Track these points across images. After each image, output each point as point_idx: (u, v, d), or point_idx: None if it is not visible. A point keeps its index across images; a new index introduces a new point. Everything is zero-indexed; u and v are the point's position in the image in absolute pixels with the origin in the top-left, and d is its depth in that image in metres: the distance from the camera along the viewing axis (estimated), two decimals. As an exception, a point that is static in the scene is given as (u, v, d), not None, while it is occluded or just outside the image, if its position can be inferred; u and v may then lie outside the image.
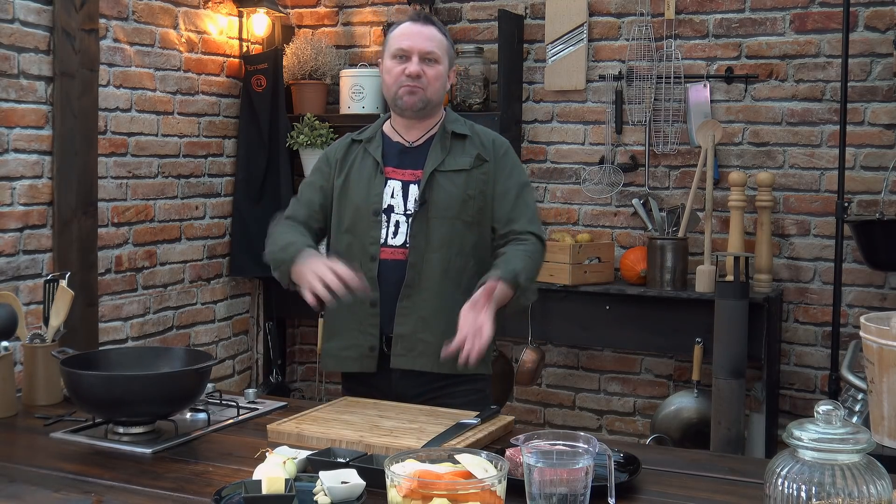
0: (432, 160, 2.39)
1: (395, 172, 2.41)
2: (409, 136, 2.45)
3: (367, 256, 2.37)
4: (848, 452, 1.33)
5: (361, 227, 2.38)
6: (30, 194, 3.31)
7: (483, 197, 2.40)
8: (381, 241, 2.37)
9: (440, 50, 2.40)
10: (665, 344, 3.81)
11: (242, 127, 4.28)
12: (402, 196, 2.39)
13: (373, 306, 2.36)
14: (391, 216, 2.38)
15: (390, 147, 2.46)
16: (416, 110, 2.39)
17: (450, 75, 2.47)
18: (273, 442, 1.97)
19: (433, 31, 2.41)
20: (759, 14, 3.83)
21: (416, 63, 2.36)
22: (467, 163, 2.40)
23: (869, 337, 2.25)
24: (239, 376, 4.40)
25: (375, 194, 2.39)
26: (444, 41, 2.42)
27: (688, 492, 1.74)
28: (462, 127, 2.46)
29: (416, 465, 1.47)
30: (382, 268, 2.37)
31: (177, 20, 3.95)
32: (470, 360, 2.10)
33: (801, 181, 3.82)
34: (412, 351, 2.35)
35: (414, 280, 2.35)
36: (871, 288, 3.73)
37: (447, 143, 2.42)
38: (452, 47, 2.48)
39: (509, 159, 2.47)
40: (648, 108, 3.97)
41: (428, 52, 2.37)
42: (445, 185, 2.38)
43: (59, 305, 2.35)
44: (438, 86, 2.40)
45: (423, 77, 2.37)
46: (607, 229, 4.12)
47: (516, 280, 2.26)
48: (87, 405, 1.99)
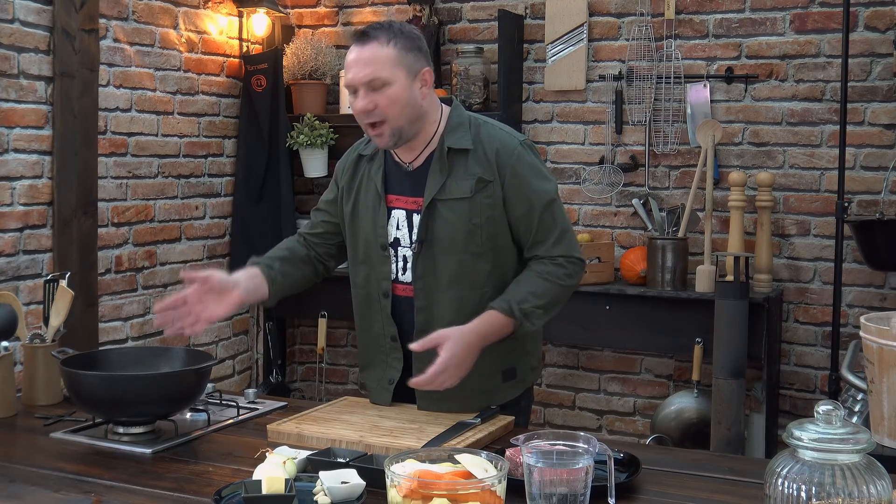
0: (430, 188, 2.13)
1: (399, 200, 2.19)
2: (406, 157, 2.19)
3: (381, 292, 2.21)
4: (848, 452, 1.33)
5: (374, 261, 2.21)
6: (30, 194, 3.31)
7: (493, 223, 2.14)
8: (392, 277, 2.20)
9: (387, 68, 2.05)
10: (665, 344, 3.81)
11: (242, 127, 4.28)
12: (408, 227, 2.18)
13: (394, 341, 2.21)
14: (398, 250, 2.19)
15: (392, 169, 2.22)
16: (392, 147, 2.14)
17: (423, 79, 2.11)
18: (273, 442, 1.97)
19: (373, 48, 2.06)
20: (759, 14, 3.83)
21: (362, 97, 2.07)
22: (468, 189, 2.11)
23: (869, 337, 2.25)
24: (239, 376, 4.40)
25: (381, 227, 2.19)
26: (392, 52, 2.06)
27: (688, 492, 1.74)
28: (462, 139, 2.14)
29: (416, 465, 1.47)
30: (396, 303, 2.20)
31: (177, 20, 3.95)
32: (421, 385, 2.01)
33: (801, 181, 3.82)
34: (434, 395, 2.12)
35: (425, 325, 2.15)
36: (871, 288, 3.73)
37: (446, 164, 2.13)
38: (412, 49, 2.09)
39: (520, 175, 2.14)
40: (648, 108, 3.97)
41: (371, 80, 2.05)
42: (447, 215, 2.13)
43: (59, 305, 2.35)
44: (399, 109, 2.07)
45: (378, 109, 2.06)
46: (607, 229, 4.12)
47: (511, 311, 2.08)
48: (87, 405, 1.99)
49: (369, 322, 2.25)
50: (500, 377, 2.23)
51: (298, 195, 4.57)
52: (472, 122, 2.19)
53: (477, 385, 2.15)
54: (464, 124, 2.17)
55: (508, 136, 2.19)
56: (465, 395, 2.14)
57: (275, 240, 4.14)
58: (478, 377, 2.13)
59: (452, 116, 2.19)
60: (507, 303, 2.10)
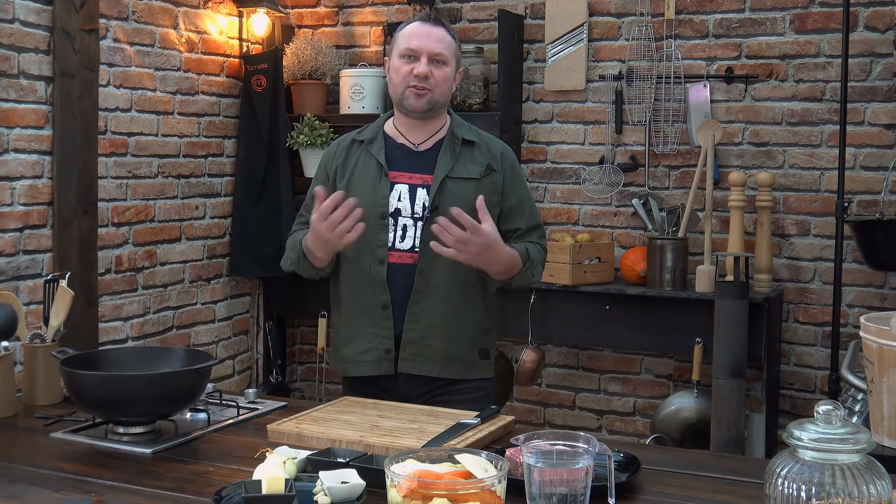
0: (443, 166, 2.40)
1: (402, 176, 2.41)
2: (414, 138, 2.45)
3: (376, 260, 2.38)
4: (848, 452, 1.33)
5: (368, 230, 2.34)
6: (30, 194, 3.31)
7: (491, 207, 2.37)
8: (389, 245, 2.38)
9: (449, 52, 2.40)
10: (665, 344, 3.81)
11: (242, 127, 4.28)
12: (410, 199, 2.39)
13: (385, 309, 2.38)
14: (398, 219, 2.38)
15: (395, 149, 2.45)
16: (422, 112, 2.40)
17: (456, 77, 2.46)
18: (273, 442, 1.97)
19: (443, 32, 2.41)
20: (759, 14, 3.84)
21: (424, 64, 2.36)
22: (477, 171, 2.42)
23: (869, 337, 2.25)
24: (239, 376, 4.40)
25: (381, 197, 2.38)
26: (453, 43, 2.43)
27: (688, 492, 1.74)
28: (470, 133, 2.47)
29: (416, 465, 1.47)
30: (392, 271, 2.38)
31: (177, 20, 3.95)
32: (441, 247, 2.20)
33: (801, 181, 3.82)
34: (420, 356, 2.39)
35: (423, 286, 2.37)
36: (871, 288, 3.73)
37: (456, 150, 2.43)
38: (460, 50, 2.49)
39: (517, 172, 2.51)
40: (648, 108, 3.97)
41: (437, 54, 2.37)
42: (456, 191, 2.38)
43: (59, 305, 2.35)
44: (445, 88, 2.41)
45: (431, 78, 2.37)
46: (607, 229, 4.12)
47: (527, 253, 2.38)
48: (87, 405, 1.99)
49: (357, 294, 2.42)
50: (477, 353, 2.48)
51: (298, 195, 4.56)
52: (471, 127, 2.52)
53: (457, 354, 2.42)
54: (466, 124, 2.52)
55: (504, 143, 2.55)
56: (448, 362, 2.40)
57: (275, 240, 4.21)
58: (459, 347, 2.42)
59: (455, 118, 2.52)
60: (524, 248, 2.40)
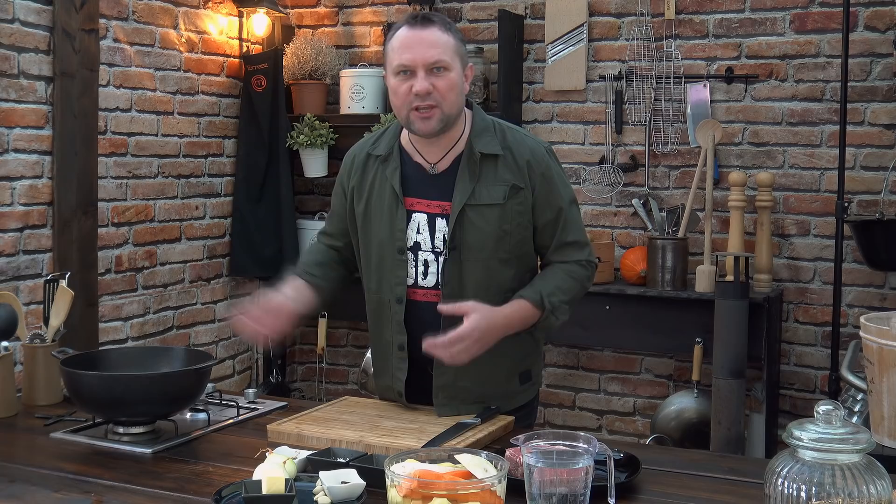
0: (460, 192, 2.08)
1: (419, 204, 2.12)
2: (430, 156, 2.13)
3: (394, 297, 2.14)
4: (848, 452, 1.33)
5: (387, 266, 2.14)
6: (30, 194, 3.31)
7: (522, 230, 2.12)
8: (409, 283, 2.13)
9: (448, 53, 2.03)
10: (665, 344, 3.81)
11: (242, 127, 4.28)
12: (429, 231, 2.11)
13: (401, 350, 2.15)
14: (418, 254, 2.12)
15: (411, 170, 2.14)
16: (434, 133, 2.07)
17: (466, 75, 2.10)
18: (273, 442, 1.97)
19: (436, 32, 2.03)
20: (759, 14, 3.83)
21: (422, 78, 2.01)
22: (501, 194, 2.08)
23: (869, 337, 2.25)
24: (239, 376, 4.40)
25: (399, 230, 2.11)
26: (452, 41, 2.05)
27: (688, 492, 1.74)
28: (491, 144, 2.11)
29: (416, 465, 1.47)
30: (415, 309, 2.13)
31: (177, 20, 3.95)
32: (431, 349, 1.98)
33: (801, 181, 3.82)
34: (454, 399, 2.13)
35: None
36: (871, 288, 3.73)
37: (476, 169, 2.09)
38: (463, 42, 2.10)
39: (549, 181, 2.14)
40: (648, 108, 3.97)
41: (434, 62, 2.01)
42: (477, 221, 2.08)
43: (59, 305, 2.35)
44: (454, 97, 2.04)
45: (435, 92, 2.01)
46: (607, 229, 4.12)
47: (541, 301, 2.08)
48: (87, 405, 1.99)
49: (380, 328, 2.21)
50: (517, 380, 2.23)
51: (298, 195, 4.57)
52: (497, 127, 2.16)
53: (495, 389, 2.17)
54: (489, 129, 2.15)
55: (535, 143, 2.18)
56: (486, 399, 2.14)
57: (275, 240, 4.21)
58: (496, 381, 2.16)
59: (476, 120, 2.15)
60: (538, 294, 2.09)
